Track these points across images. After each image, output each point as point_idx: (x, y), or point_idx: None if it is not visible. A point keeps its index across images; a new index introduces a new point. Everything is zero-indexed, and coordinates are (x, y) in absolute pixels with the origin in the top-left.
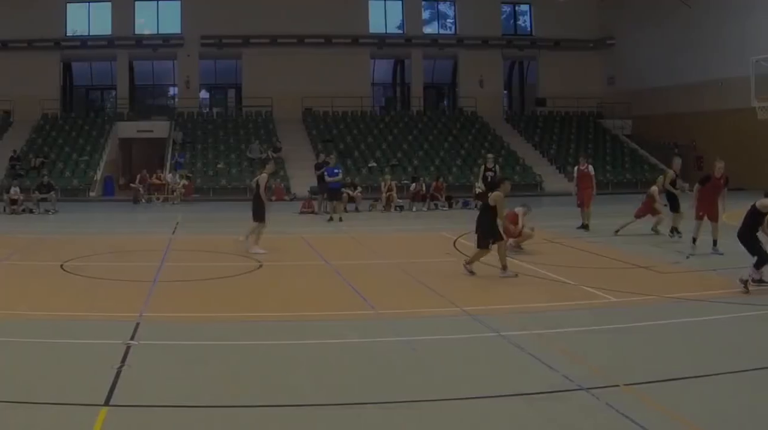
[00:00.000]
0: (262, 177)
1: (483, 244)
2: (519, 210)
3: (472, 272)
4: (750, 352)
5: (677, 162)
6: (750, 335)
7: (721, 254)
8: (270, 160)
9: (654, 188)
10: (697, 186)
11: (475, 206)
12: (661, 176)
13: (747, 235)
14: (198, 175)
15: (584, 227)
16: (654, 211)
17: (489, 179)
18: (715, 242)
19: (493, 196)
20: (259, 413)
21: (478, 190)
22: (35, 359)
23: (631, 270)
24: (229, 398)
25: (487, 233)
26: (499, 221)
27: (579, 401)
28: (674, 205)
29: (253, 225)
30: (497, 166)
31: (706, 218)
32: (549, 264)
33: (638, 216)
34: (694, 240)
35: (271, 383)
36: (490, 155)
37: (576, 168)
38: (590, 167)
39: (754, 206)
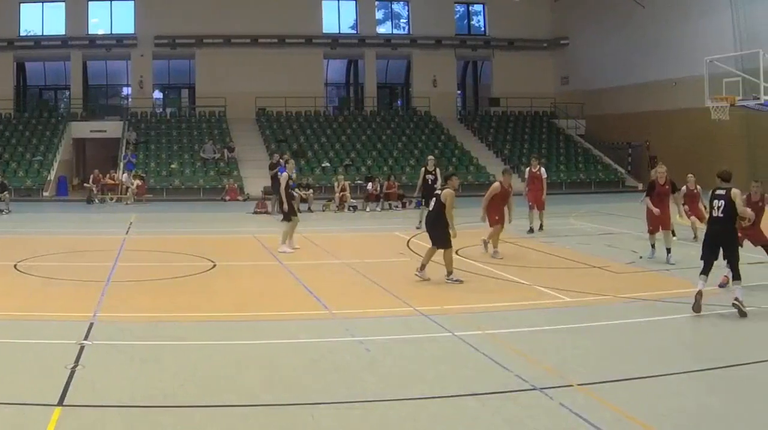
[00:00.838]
0: (283, 176)
1: (434, 244)
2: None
3: (425, 279)
4: (703, 352)
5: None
6: (703, 335)
7: (673, 265)
8: (290, 159)
9: None
10: (644, 198)
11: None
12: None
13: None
14: (151, 176)
15: (532, 230)
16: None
17: (429, 182)
18: (668, 251)
19: (444, 194)
20: (211, 413)
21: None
22: None
23: (586, 270)
24: (182, 397)
25: (438, 238)
26: (449, 217)
27: (533, 401)
28: None
29: (285, 228)
30: (437, 170)
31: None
32: (503, 264)
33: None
34: (653, 245)
35: (224, 382)
36: (430, 158)
37: (527, 170)
38: (542, 170)
39: (728, 194)
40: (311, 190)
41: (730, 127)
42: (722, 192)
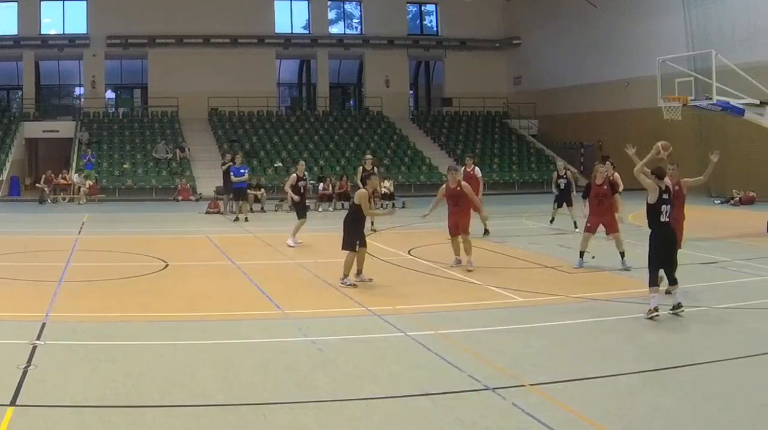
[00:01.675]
0: (292, 177)
1: (344, 246)
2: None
3: (353, 285)
4: (655, 352)
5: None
6: (655, 335)
7: (628, 270)
8: (301, 160)
9: None
10: (584, 201)
11: (382, 206)
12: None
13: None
14: (104, 176)
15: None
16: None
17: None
18: (622, 255)
19: (358, 194)
20: (164, 413)
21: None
22: None
23: (538, 270)
24: (134, 397)
25: (347, 239)
26: (371, 215)
27: (485, 401)
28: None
29: (296, 223)
30: (375, 169)
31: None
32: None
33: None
34: (582, 254)
35: (177, 382)
36: (368, 157)
37: (462, 169)
38: (477, 169)
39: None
40: (263, 191)
41: (683, 127)
42: (666, 197)
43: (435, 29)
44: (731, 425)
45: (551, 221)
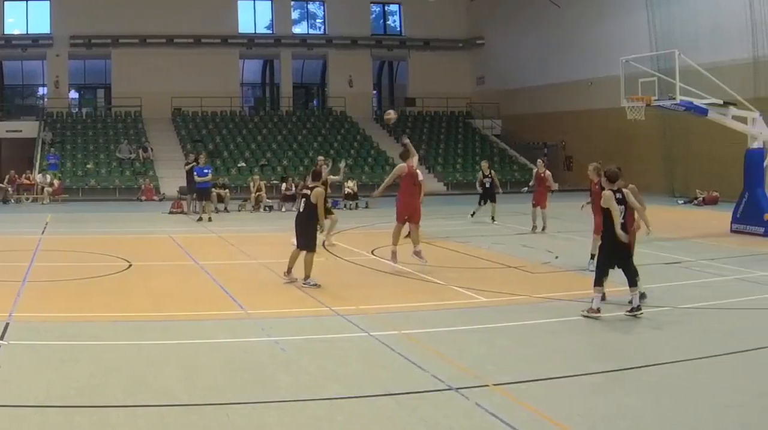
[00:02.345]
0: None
1: (300, 245)
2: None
3: (311, 285)
4: (618, 352)
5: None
6: (618, 335)
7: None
8: (326, 160)
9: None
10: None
11: (345, 206)
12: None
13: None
14: (67, 176)
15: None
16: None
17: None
18: (592, 257)
19: (314, 193)
20: (128, 413)
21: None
22: None
23: (501, 270)
24: (98, 397)
25: (306, 239)
26: (321, 216)
27: (449, 401)
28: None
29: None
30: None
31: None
32: (419, 264)
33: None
34: (592, 256)
35: (141, 382)
36: (321, 158)
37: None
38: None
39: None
40: (227, 190)
41: (646, 127)
42: (620, 196)
43: (398, 29)
44: (695, 425)
45: (472, 215)
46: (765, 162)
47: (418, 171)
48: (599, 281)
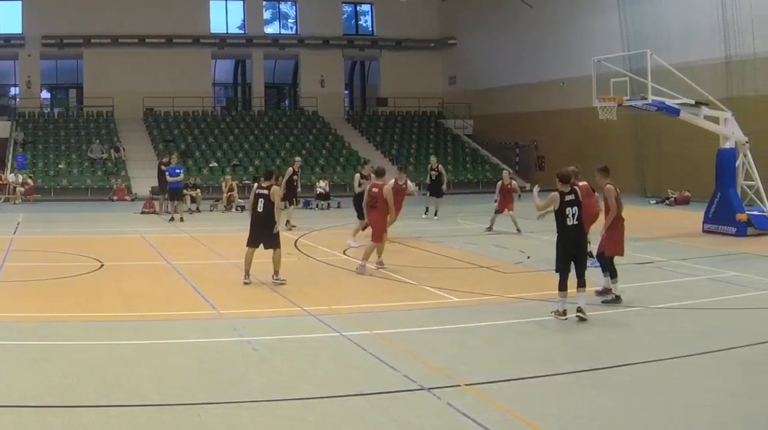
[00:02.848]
0: (356, 177)
1: (266, 244)
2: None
3: (281, 281)
4: (590, 352)
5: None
6: (589, 335)
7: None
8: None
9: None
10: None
11: (317, 206)
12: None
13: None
14: (39, 176)
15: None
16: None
17: (295, 183)
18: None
19: (272, 191)
20: (100, 413)
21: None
22: None
23: (473, 270)
24: (71, 397)
25: (271, 238)
26: (278, 215)
27: (421, 401)
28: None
29: (356, 224)
30: (300, 170)
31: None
32: (391, 264)
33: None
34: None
35: (113, 382)
36: (297, 158)
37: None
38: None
39: (578, 199)
40: (198, 191)
41: (618, 127)
42: (572, 197)
43: (370, 29)
44: (668, 425)
45: (426, 211)
46: (737, 162)
47: (374, 190)
48: (563, 285)
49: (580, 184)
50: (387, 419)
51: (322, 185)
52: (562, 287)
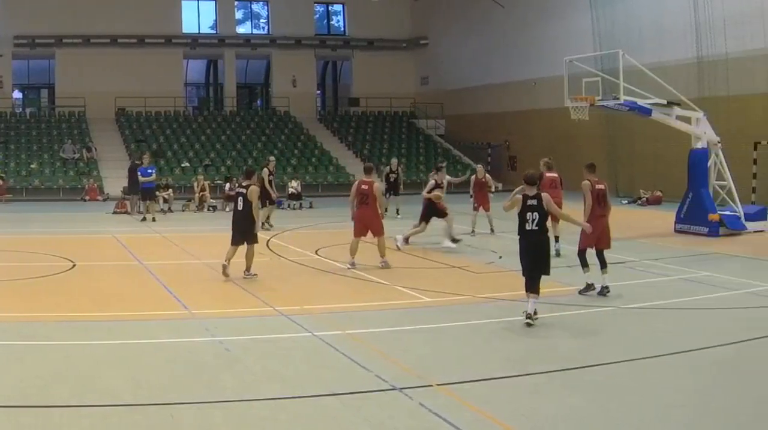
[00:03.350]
0: (430, 184)
1: (246, 240)
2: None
3: (254, 274)
4: (562, 352)
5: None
6: (561, 335)
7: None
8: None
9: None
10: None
11: (289, 206)
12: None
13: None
14: (11, 176)
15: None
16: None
17: (270, 183)
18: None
19: (250, 191)
20: (73, 413)
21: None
22: None
23: (445, 270)
24: (43, 397)
25: (251, 234)
26: (256, 214)
27: (393, 401)
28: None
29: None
30: (275, 169)
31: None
32: (364, 264)
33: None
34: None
35: (85, 383)
36: (272, 158)
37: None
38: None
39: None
40: (170, 190)
41: (590, 127)
42: (534, 203)
43: (342, 29)
44: (639, 425)
45: (386, 211)
46: (709, 162)
47: (364, 187)
48: (530, 287)
49: (548, 174)
50: (359, 419)
51: (294, 185)
52: (528, 288)
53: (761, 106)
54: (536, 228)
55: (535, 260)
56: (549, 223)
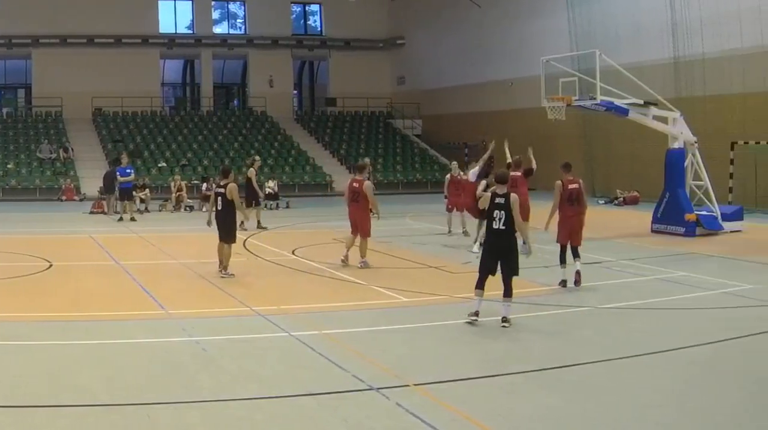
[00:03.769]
0: (481, 187)
1: (225, 240)
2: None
3: (231, 274)
4: (539, 352)
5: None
6: (538, 335)
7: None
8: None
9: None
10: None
11: (266, 206)
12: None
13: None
14: None
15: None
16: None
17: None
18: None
19: (229, 189)
20: (49, 413)
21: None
22: None
23: (422, 270)
24: (20, 397)
25: (229, 233)
26: (238, 212)
27: (370, 401)
28: None
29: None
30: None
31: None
32: (340, 264)
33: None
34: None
35: (62, 382)
36: (257, 158)
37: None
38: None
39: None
40: (147, 191)
41: (567, 127)
42: (501, 201)
43: (319, 29)
44: (616, 425)
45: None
46: (685, 162)
47: (355, 185)
48: (479, 284)
49: (517, 174)
50: (336, 419)
51: (270, 185)
52: (479, 285)
53: (738, 106)
54: (503, 227)
55: (501, 260)
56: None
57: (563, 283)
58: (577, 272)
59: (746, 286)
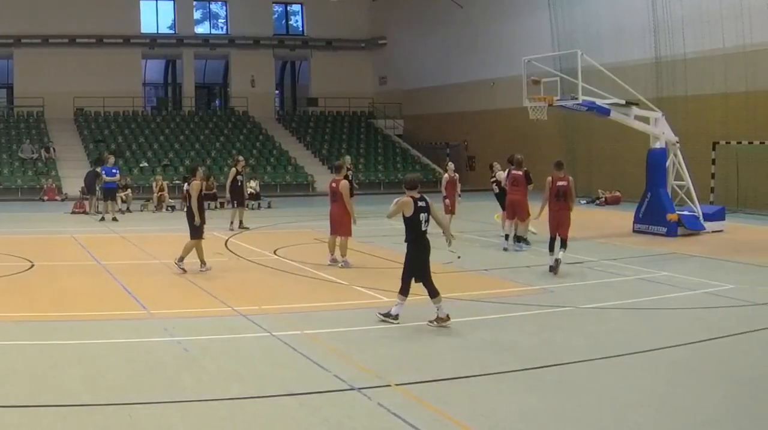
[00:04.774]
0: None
1: (190, 235)
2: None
3: (184, 270)
4: (520, 352)
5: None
6: (520, 335)
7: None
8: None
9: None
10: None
11: (247, 206)
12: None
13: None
14: None
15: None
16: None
17: (239, 183)
18: (510, 237)
19: (192, 186)
20: (30, 413)
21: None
22: None
23: None
24: (1, 398)
25: (194, 228)
26: (194, 208)
27: (351, 401)
28: None
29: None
30: (244, 169)
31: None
32: (321, 264)
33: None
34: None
35: (44, 383)
36: (240, 158)
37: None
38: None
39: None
40: (129, 191)
41: (549, 127)
42: (423, 204)
43: (301, 29)
44: (596, 424)
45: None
46: (667, 162)
47: (333, 184)
48: (404, 290)
49: (519, 173)
50: (318, 419)
51: (252, 185)
52: (403, 290)
53: (719, 106)
54: (426, 229)
55: (429, 262)
56: (513, 223)
57: (551, 268)
58: (556, 260)
59: (728, 286)
